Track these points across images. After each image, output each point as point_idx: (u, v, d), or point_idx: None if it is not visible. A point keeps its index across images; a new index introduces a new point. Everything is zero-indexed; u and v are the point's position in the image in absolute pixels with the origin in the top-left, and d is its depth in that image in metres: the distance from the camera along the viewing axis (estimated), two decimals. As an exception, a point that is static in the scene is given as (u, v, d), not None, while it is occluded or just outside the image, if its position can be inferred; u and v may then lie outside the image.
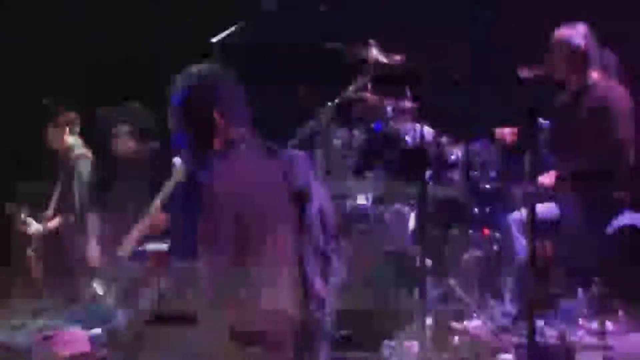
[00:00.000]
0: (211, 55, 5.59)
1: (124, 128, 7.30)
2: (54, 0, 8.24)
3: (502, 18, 7.07)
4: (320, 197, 3.46)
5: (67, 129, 7.42)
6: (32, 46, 8.18)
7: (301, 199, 3.39)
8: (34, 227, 7.38)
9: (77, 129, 7.48)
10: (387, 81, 6.34)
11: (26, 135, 7.87)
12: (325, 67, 6.83)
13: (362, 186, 6.21)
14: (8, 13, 8.20)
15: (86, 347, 3.33)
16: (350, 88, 6.24)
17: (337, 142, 6.23)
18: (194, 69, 3.56)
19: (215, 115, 3.42)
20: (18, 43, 8.21)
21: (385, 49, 6.34)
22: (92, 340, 3.33)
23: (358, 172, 6.23)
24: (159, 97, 7.16)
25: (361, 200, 6.24)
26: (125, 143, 7.21)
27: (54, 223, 7.35)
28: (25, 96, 8.01)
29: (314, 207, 3.41)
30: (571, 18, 6.09)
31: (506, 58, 6.33)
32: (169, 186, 5.51)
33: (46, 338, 3.36)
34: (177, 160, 4.99)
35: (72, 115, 7.45)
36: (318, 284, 3.37)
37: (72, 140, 7.43)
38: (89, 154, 7.42)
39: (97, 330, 3.34)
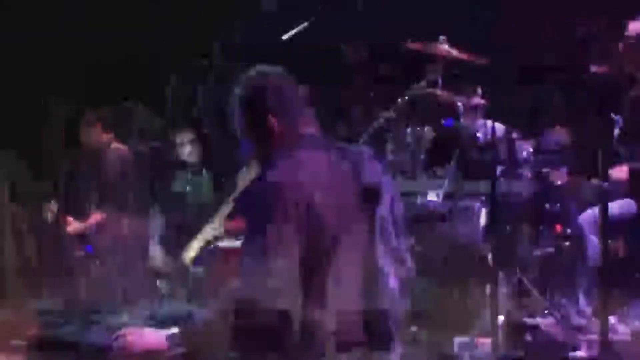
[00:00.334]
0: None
1: (188, 135, 7.43)
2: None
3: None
4: (390, 193, 3.45)
5: (101, 125, 7.38)
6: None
7: (371, 195, 3.39)
8: (74, 226, 7.35)
9: (110, 125, 7.45)
10: (457, 78, 6.33)
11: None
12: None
13: (433, 183, 6.20)
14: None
15: (162, 346, 3.35)
16: (421, 84, 6.24)
17: (407, 138, 6.25)
18: (250, 72, 3.55)
19: (271, 117, 3.41)
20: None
21: (455, 45, 6.33)
22: (168, 339, 3.36)
23: (428, 168, 6.24)
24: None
25: (432, 197, 6.22)
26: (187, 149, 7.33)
27: (93, 220, 7.32)
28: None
29: (384, 204, 3.41)
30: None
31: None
32: (238, 190, 5.56)
33: (122, 336, 3.39)
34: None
35: (104, 112, 7.43)
36: (391, 280, 3.37)
37: (106, 136, 7.43)
38: (125, 148, 7.40)
39: (174, 329, 3.36)
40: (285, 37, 5.98)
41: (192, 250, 6.74)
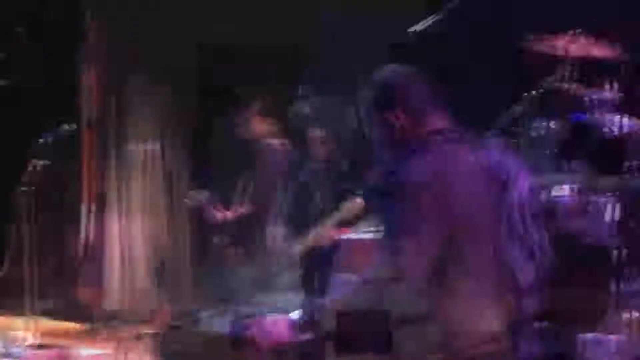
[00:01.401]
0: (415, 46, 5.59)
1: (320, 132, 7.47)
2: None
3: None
4: (523, 187, 3.45)
5: (261, 116, 7.41)
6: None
7: (503, 188, 3.40)
8: (221, 214, 7.41)
9: (271, 117, 7.48)
10: (588, 71, 6.25)
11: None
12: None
13: (561, 177, 6.15)
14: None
15: (290, 334, 3.40)
16: (551, 78, 6.18)
17: (536, 132, 6.21)
18: (379, 71, 3.60)
19: (396, 114, 3.45)
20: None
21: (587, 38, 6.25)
22: (293, 325, 3.41)
23: (557, 163, 6.19)
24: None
25: (559, 191, 6.17)
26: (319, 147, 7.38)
27: (239, 210, 7.40)
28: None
29: (516, 197, 3.41)
30: None
31: None
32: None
33: (253, 325, 3.45)
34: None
35: (268, 102, 7.45)
36: (523, 272, 3.37)
37: (265, 127, 7.49)
38: (281, 141, 7.44)
39: (295, 315, 3.40)
40: (413, 28, 5.97)
41: (304, 244, 6.84)
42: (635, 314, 5.55)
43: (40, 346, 6.99)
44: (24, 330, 7.08)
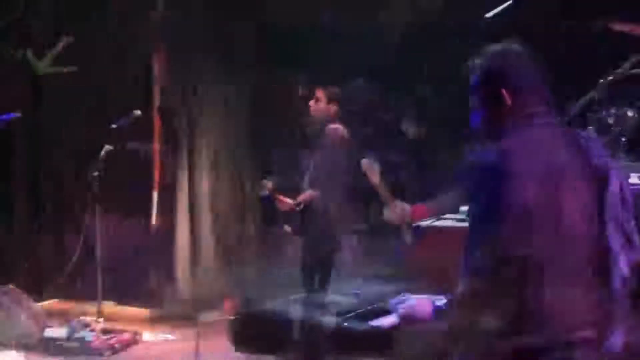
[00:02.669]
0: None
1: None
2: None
3: None
4: (619, 176, 3.42)
5: (331, 102, 7.38)
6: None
7: (601, 177, 3.37)
8: (284, 202, 7.40)
9: (337, 104, 7.46)
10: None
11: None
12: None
13: (635, 165, 6.09)
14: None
15: (428, 318, 3.38)
16: (625, 65, 6.12)
17: (610, 119, 6.16)
18: (489, 48, 3.56)
19: (505, 94, 3.42)
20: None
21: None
22: (436, 309, 3.39)
23: (631, 151, 6.14)
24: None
25: (634, 179, 6.11)
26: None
27: (304, 197, 7.38)
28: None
29: (613, 185, 3.38)
30: None
31: None
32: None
33: (406, 305, 3.42)
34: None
35: (335, 90, 7.43)
36: (622, 261, 3.34)
37: (331, 112, 7.40)
38: (342, 129, 7.35)
39: (441, 300, 3.37)
40: (488, 15, 5.94)
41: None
42: None
43: (107, 331, 7.04)
44: (92, 315, 7.13)
